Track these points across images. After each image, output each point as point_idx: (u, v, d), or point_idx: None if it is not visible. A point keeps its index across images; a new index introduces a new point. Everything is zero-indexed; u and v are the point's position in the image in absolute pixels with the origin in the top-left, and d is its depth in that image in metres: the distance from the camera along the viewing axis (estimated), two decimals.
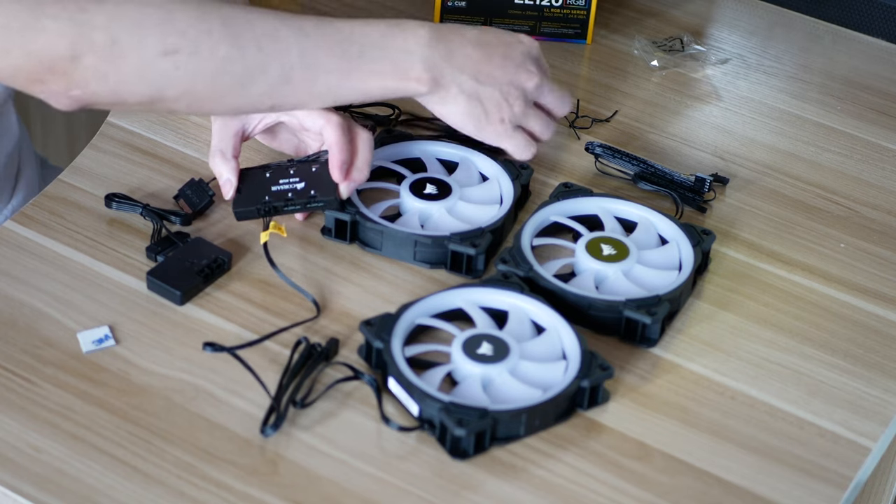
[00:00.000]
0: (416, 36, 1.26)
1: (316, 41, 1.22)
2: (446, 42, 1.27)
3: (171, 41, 1.16)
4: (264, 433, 1.15)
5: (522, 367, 1.19)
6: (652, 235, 1.33)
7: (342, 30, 1.23)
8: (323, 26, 1.23)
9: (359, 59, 1.23)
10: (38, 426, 1.14)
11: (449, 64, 1.27)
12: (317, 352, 1.20)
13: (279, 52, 1.20)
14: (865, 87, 1.61)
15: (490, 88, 1.29)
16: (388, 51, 1.24)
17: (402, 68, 1.25)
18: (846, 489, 1.15)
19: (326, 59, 1.22)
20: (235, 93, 1.21)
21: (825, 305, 1.32)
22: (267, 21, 1.21)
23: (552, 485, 1.14)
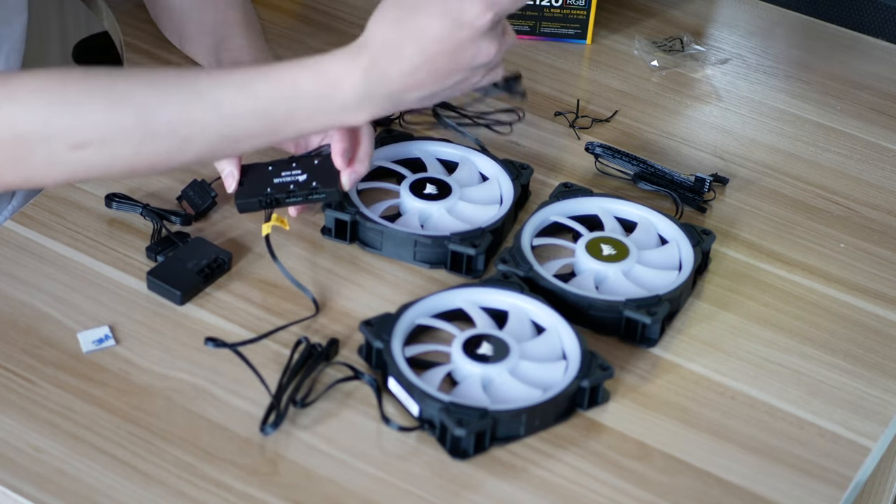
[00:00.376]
0: (344, 84, 1.15)
1: (236, 113, 1.15)
2: (379, 79, 1.15)
3: (79, 137, 1.14)
4: (264, 431, 1.15)
5: (522, 367, 1.19)
6: (652, 235, 1.33)
7: (262, 93, 1.15)
8: (245, 92, 1.15)
9: (286, 120, 1.16)
10: (38, 426, 1.14)
11: (387, 97, 1.16)
12: (317, 352, 1.20)
13: (197, 134, 1.16)
14: (865, 87, 1.61)
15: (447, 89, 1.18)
16: (318, 105, 1.16)
17: (335, 113, 1.17)
18: (846, 489, 1.15)
19: (249, 128, 1.17)
20: (159, 169, 1.21)
21: (825, 305, 1.32)
22: (183, 101, 1.15)
23: (552, 485, 1.14)
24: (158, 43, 1.54)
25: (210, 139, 1.16)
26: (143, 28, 1.55)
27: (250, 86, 1.16)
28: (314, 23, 1.62)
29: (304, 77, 1.15)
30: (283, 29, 1.60)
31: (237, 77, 1.16)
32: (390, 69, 1.15)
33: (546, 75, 1.58)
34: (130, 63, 1.52)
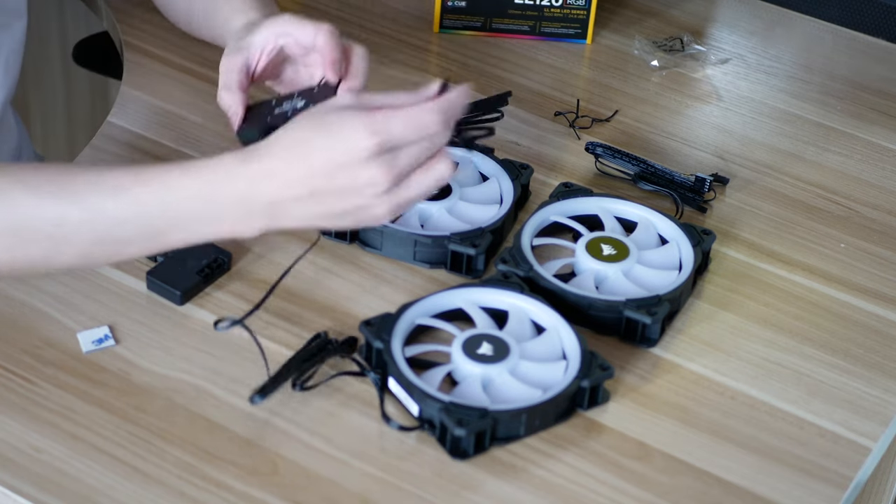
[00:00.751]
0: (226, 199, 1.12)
1: (111, 224, 1.12)
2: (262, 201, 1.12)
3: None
4: (252, 401, 1.14)
5: (522, 367, 1.19)
6: (652, 235, 1.33)
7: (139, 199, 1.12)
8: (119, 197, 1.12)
9: (166, 227, 1.13)
10: (38, 426, 1.14)
11: (273, 216, 1.13)
12: (332, 346, 1.20)
13: (71, 240, 1.13)
14: (865, 87, 1.61)
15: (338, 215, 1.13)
16: (198, 216, 1.13)
17: (218, 225, 1.13)
18: (846, 489, 1.15)
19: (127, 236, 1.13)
20: (35, 269, 1.19)
21: (825, 305, 1.32)
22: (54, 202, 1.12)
23: (552, 485, 1.14)
24: (158, 43, 1.54)
25: (85, 244, 1.13)
26: (143, 28, 1.56)
27: (126, 190, 1.12)
28: None
29: (183, 183, 1.12)
30: None
31: (113, 179, 1.13)
32: (268, 181, 1.12)
33: (546, 75, 1.58)
34: (130, 63, 1.52)
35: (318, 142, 1.11)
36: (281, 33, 1.29)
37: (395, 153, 1.11)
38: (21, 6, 1.43)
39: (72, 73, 2.39)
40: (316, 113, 1.13)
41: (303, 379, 1.18)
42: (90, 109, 2.45)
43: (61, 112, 2.46)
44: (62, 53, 2.35)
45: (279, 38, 1.30)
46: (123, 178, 1.13)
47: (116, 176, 1.13)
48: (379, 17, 1.65)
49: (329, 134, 1.11)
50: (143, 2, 1.56)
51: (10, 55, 1.42)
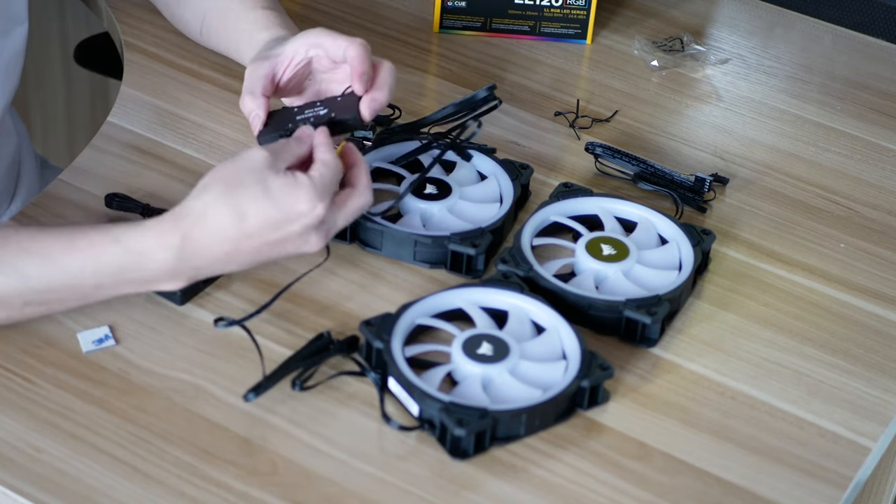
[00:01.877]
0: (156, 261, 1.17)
1: (42, 285, 1.17)
2: (194, 256, 1.17)
3: None
4: (246, 398, 1.14)
5: (522, 367, 1.19)
6: (652, 235, 1.33)
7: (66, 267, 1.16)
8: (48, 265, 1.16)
9: (95, 290, 1.18)
10: (38, 426, 1.14)
11: (204, 270, 1.19)
12: (334, 346, 1.20)
13: (5, 302, 1.17)
14: (865, 87, 1.61)
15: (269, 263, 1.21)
16: (124, 280, 1.18)
17: (147, 285, 1.19)
18: (846, 489, 1.15)
19: (59, 296, 1.18)
20: None
21: (825, 305, 1.32)
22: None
23: (552, 485, 1.14)
24: (158, 43, 1.54)
25: (19, 307, 1.17)
26: (144, 28, 1.56)
27: (55, 258, 1.16)
28: (314, 23, 1.62)
29: (109, 250, 1.16)
30: None
31: (44, 247, 1.17)
32: (203, 248, 1.17)
33: (546, 75, 1.58)
34: (131, 63, 1.52)
35: (259, 211, 1.16)
36: (313, 44, 1.32)
37: (333, 214, 1.19)
38: (22, 12, 1.43)
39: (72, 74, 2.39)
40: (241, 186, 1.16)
41: (303, 378, 1.18)
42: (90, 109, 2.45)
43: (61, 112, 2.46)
44: (63, 54, 2.35)
45: (311, 48, 1.32)
46: (54, 246, 1.17)
47: (49, 244, 1.17)
48: (379, 17, 1.65)
49: (272, 202, 1.16)
50: (143, 2, 1.56)
51: (11, 61, 1.42)
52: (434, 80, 1.56)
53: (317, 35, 1.32)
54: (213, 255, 1.17)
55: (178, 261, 1.17)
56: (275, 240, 1.17)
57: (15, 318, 1.19)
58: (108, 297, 1.19)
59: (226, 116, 1.45)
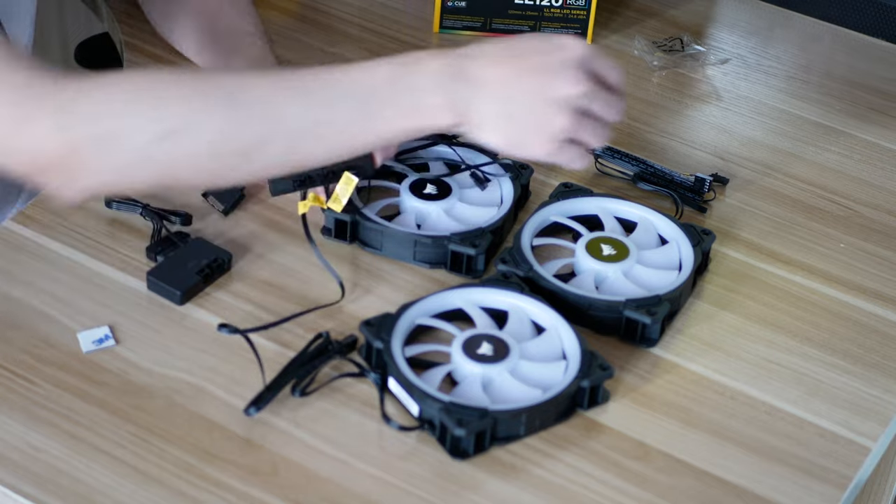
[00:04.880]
0: (428, 69, 1.15)
1: (323, 99, 1.14)
2: (463, 68, 1.15)
3: (164, 125, 1.11)
4: (247, 412, 1.14)
5: (522, 367, 1.19)
6: (652, 235, 1.33)
7: (342, 81, 1.15)
8: (327, 81, 1.15)
9: (367, 108, 1.15)
10: (38, 426, 1.14)
11: (472, 91, 1.15)
12: (333, 347, 1.20)
13: (281, 120, 1.14)
14: (865, 86, 1.61)
15: (525, 108, 1.16)
16: (397, 94, 1.15)
17: (416, 108, 1.15)
18: (846, 489, 1.15)
19: (333, 117, 1.15)
20: (246, 164, 1.15)
21: (825, 305, 1.32)
22: (264, 87, 1.15)
23: (552, 485, 1.14)
24: (159, 43, 1.53)
25: (295, 131, 1.14)
26: (144, 28, 1.55)
27: (330, 72, 1.15)
28: (314, 23, 1.62)
29: (384, 63, 1.16)
30: (283, 29, 1.60)
31: (322, 71, 1.16)
32: (469, 62, 1.15)
33: None
34: (130, 63, 1.52)
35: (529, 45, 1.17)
36: None
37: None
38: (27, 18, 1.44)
39: None
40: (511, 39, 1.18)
41: (303, 385, 1.18)
42: None
43: None
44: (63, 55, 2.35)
45: None
46: (328, 68, 1.16)
47: (318, 68, 1.16)
48: (379, 17, 1.65)
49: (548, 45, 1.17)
50: None
51: None
52: None
53: None
54: (484, 73, 1.15)
55: (446, 75, 1.14)
56: (539, 65, 1.15)
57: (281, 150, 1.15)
58: (375, 134, 1.16)
59: None
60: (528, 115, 1.16)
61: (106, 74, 1.13)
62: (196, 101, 1.12)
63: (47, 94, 1.10)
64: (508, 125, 1.16)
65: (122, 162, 1.12)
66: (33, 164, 1.11)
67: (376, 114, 1.15)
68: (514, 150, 1.18)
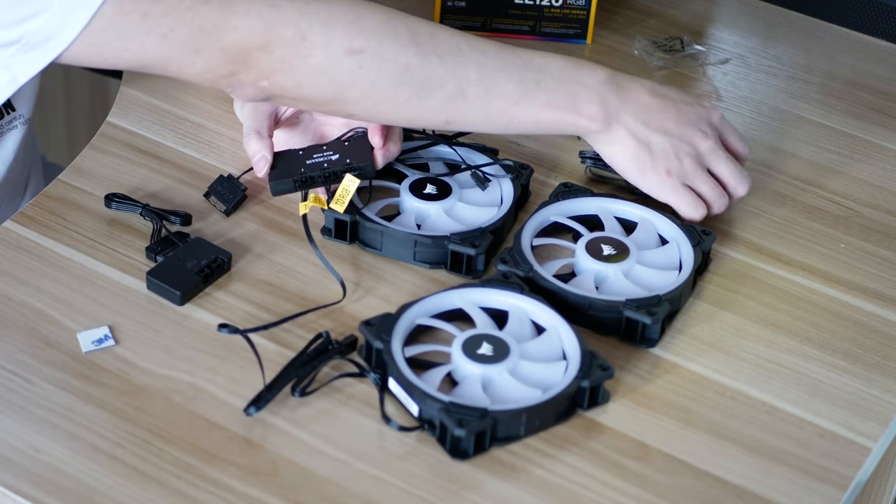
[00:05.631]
0: (595, 74, 1.28)
1: (496, 63, 1.24)
2: (623, 86, 1.29)
3: (357, 41, 1.20)
4: (247, 412, 1.14)
5: (522, 367, 1.19)
6: (652, 235, 1.33)
7: (522, 56, 1.26)
8: (504, 50, 1.25)
9: (535, 87, 1.25)
10: (37, 426, 1.14)
11: (623, 106, 1.28)
12: (333, 347, 1.20)
13: (459, 68, 1.23)
14: (866, 87, 1.61)
15: (660, 137, 1.29)
16: (566, 83, 1.26)
17: (577, 103, 1.27)
18: (846, 489, 1.15)
19: (504, 82, 1.24)
20: (413, 102, 1.23)
21: (825, 305, 1.32)
22: (450, 37, 1.24)
23: (552, 485, 1.14)
24: None
25: (468, 80, 1.23)
26: None
27: (511, 48, 1.26)
28: None
29: (558, 56, 1.28)
30: None
31: (498, 42, 1.26)
32: (628, 83, 1.29)
33: None
34: None
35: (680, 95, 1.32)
36: None
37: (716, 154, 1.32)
38: None
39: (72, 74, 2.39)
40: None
41: (303, 385, 1.18)
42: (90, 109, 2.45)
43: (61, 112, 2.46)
44: None
45: None
46: (509, 46, 1.27)
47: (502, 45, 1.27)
48: None
49: (680, 93, 1.33)
50: None
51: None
52: None
53: None
54: (636, 97, 1.29)
55: (609, 85, 1.27)
56: (683, 109, 1.30)
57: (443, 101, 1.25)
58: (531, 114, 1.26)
59: (226, 116, 1.45)
60: (659, 146, 1.29)
61: None
62: (388, 29, 1.21)
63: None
64: (639, 148, 1.29)
65: (309, 68, 1.20)
66: (227, 61, 1.19)
67: (538, 96, 1.25)
68: (635, 174, 1.30)
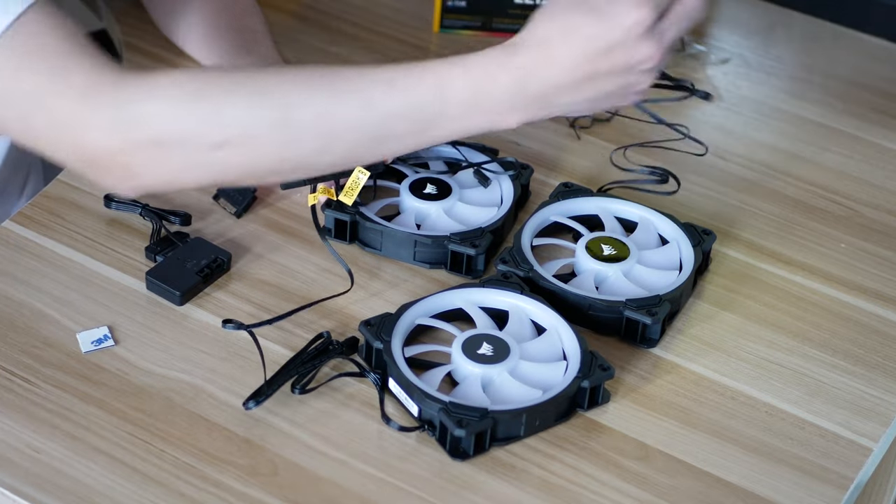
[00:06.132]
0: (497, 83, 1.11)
1: (382, 112, 1.11)
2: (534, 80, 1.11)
3: (219, 135, 1.10)
4: (246, 406, 1.14)
5: (522, 367, 1.18)
6: (652, 235, 1.33)
7: (410, 89, 1.12)
8: (393, 88, 1.11)
9: (434, 119, 1.12)
10: (37, 426, 1.14)
11: (542, 99, 1.12)
12: (334, 347, 1.20)
13: (343, 131, 1.12)
14: (866, 86, 1.61)
15: (606, 96, 1.13)
16: (468, 108, 1.12)
17: (488, 114, 1.12)
18: (847, 490, 1.15)
19: (397, 127, 1.12)
20: (299, 172, 1.17)
21: (826, 306, 1.32)
22: (328, 98, 1.11)
23: (552, 485, 1.13)
24: (158, 42, 1.53)
25: (356, 137, 1.12)
26: (143, 28, 1.55)
27: (398, 81, 1.11)
28: (314, 23, 1.62)
29: (454, 73, 1.11)
30: (283, 29, 1.60)
31: (383, 74, 1.12)
32: (543, 68, 1.11)
33: None
34: (130, 63, 1.52)
35: (589, 28, 1.10)
36: None
37: (662, 21, 1.11)
38: None
39: None
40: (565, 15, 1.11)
41: (303, 383, 1.18)
42: None
43: None
44: None
45: None
46: (395, 72, 1.11)
47: (385, 70, 1.12)
48: (379, 17, 1.65)
49: (599, 16, 1.09)
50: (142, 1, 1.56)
51: None
52: None
53: None
54: (551, 75, 1.11)
55: (520, 84, 1.11)
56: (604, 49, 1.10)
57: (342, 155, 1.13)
58: (442, 135, 1.12)
59: None
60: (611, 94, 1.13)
61: (168, 73, 1.12)
62: (256, 113, 1.10)
63: (107, 91, 1.09)
64: (592, 107, 1.14)
65: (178, 166, 1.11)
66: (90, 160, 1.11)
67: (442, 127, 1.13)
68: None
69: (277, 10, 1.63)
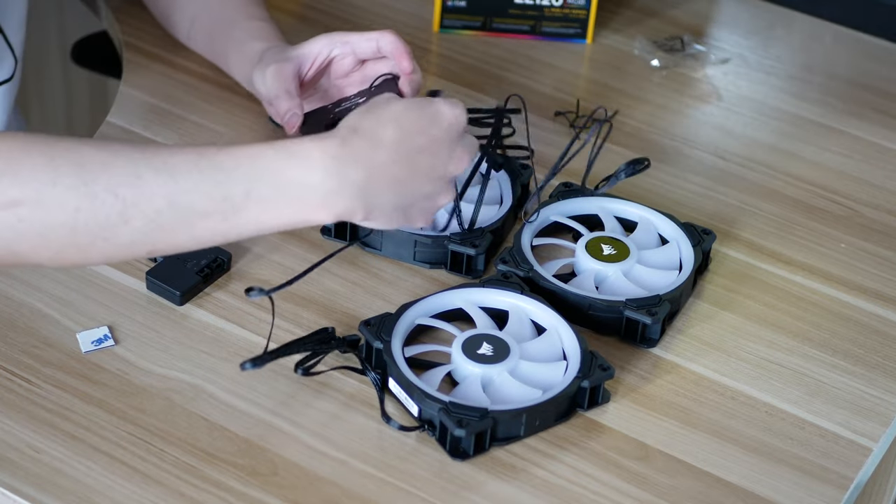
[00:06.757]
0: (310, 171, 1.08)
1: (187, 185, 1.05)
2: (354, 164, 1.09)
3: (11, 192, 1.03)
4: (243, 367, 1.12)
5: (522, 367, 1.18)
6: (652, 235, 1.33)
7: (218, 163, 1.06)
8: (200, 163, 1.06)
9: (245, 200, 1.07)
10: (37, 426, 1.14)
11: (360, 189, 1.09)
12: (336, 340, 1.20)
13: (141, 200, 1.05)
14: (866, 86, 1.61)
15: (417, 199, 1.14)
16: (282, 187, 1.07)
17: (301, 203, 1.08)
18: (847, 490, 1.15)
19: (202, 203, 1.06)
20: (99, 244, 1.06)
21: (826, 305, 1.32)
22: (127, 163, 1.05)
23: (552, 485, 1.13)
24: (158, 43, 1.53)
25: (156, 210, 1.05)
26: (143, 28, 1.55)
27: (207, 155, 1.07)
28: (314, 23, 1.62)
29: (268, 152, 1.07)
30: (283, 29, 1.60)
31: (193, 148, 1.07)
32: (362, 154, 1.09)
33: (546, 75, 1.58)
34: (130, 63, 1.52)
35: (410, 111, 1.12)
36: (340, 42, 1.35)
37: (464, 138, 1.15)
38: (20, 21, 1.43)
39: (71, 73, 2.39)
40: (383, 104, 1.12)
41: (306, 366, 1.18)
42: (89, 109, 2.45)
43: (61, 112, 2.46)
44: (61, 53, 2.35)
45: (336, 47, 1.35)
46: (205, 147, 1.08)
47: (197, 145, 1.08)
48: (379, 16, 1.65)
49: (419, 104, 1.12)
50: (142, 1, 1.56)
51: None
52: (434, 80, 1.56)
53: (342, 34, 1.35)
54: (370, 162, 1.08)
55: (337, 170, 1.07)
56: (426, 144, 1.11)
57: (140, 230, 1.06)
58: (251, 225, 1.08)
59: (225, 116, 1.45)
60: (418, 205, 1.14)
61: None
62: (48, 174, 1.04)
63: None
64: (397, 216, 1.13)
65: None
66: None
67: (250, 207, 1.08)
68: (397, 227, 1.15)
69: (277, 10, 1.63)
